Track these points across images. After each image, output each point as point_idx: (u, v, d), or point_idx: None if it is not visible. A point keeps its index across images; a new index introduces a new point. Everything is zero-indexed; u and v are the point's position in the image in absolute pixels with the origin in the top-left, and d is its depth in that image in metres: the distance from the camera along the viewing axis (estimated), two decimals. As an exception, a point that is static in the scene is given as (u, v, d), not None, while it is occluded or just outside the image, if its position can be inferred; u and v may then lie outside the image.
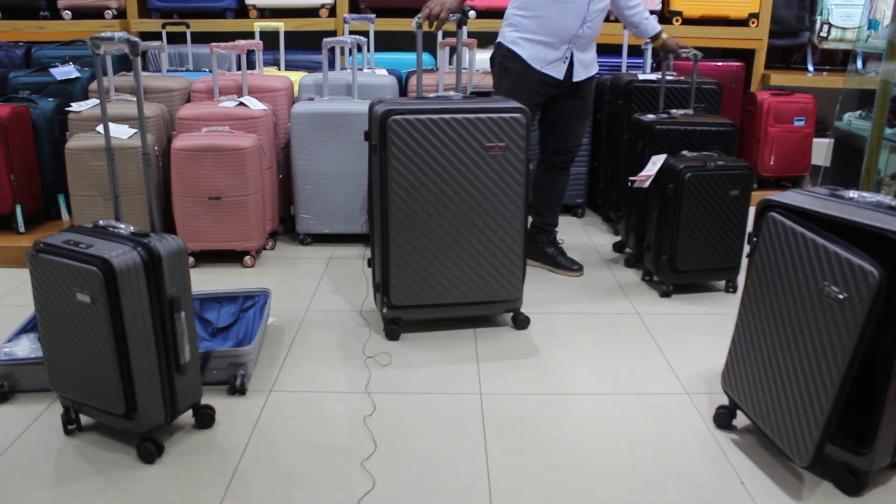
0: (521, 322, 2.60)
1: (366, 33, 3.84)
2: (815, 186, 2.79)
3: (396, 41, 4.23)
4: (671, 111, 3.11)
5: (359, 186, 3.30)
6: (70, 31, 4.09)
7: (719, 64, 4.14)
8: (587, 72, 2.93)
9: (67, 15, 4.18)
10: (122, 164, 2.83)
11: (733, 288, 2.92)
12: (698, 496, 1.75)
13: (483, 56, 3.20)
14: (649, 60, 3.90)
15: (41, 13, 4.18)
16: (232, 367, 2.15)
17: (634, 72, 3.73)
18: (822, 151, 4.07)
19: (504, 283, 2.50)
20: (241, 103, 3.18)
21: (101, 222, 1.86)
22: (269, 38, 4.03)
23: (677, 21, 4.18)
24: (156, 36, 3.99)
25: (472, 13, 4.13)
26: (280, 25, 4.01)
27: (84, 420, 1.96)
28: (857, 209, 1.68)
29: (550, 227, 3.15)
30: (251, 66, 3.68)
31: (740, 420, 2.00)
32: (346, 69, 3.67)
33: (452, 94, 2.48)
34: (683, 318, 2.72)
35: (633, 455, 1.90)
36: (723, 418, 2.02)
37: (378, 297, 2.55)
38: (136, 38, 1.95)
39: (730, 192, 2.76)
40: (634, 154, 3.20)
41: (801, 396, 1.69)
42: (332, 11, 4.22)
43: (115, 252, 1.70)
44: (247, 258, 3.15)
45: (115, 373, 1.74)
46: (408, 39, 2.95)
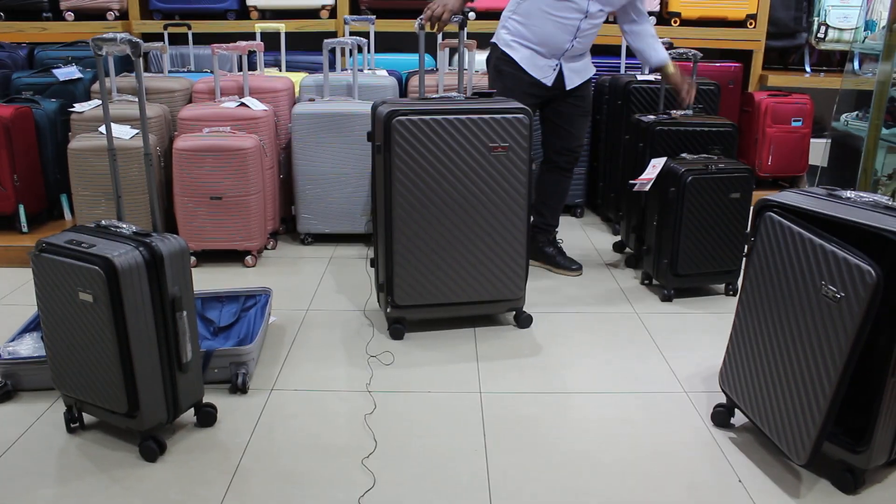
0: (523, 321, 2.61)
1: (366, 34, 3.85)
2: (813, 186, 2.79)
3: (397, 42, 4.24)
4: (671, 112, 3.12)
5: (359, 186, 3.31)
6: (72, 32, 4.10)
7: (717, 65, 4.15)
8: (580, 77, 2.94)
9: (70, 16, 4.19)
10: (124, 165, 2.84)
11: (733, 291, 2.91)
12: (697, 495, 1.76)
13: (482, 57, 3.21)
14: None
15: (44, 14, 4.19)
16: (233, 366, 2.16)
17: (633, 72, 3.74)
18: (819, 152, 4.08)
19: (507, 283, 2.51)
20: (243, 104, 3.19)
21: (103, 222, 1.87)
22: (271, 39, 4.04)
23: (675, 22, 4.19)
24: (158, 37, 4.00)
25: (472, 14, 4.15)
26: (281, 26, 4.02)
27: (87, 418, 1.97)
28: (854, 209, 1.69)
29: (551, 228, 3.16)
30: (252, 66, 3.69)
31: (738, 419, 2.01)
32: (346, 70, 3.68)
33: (455, 94, 2.49)
34: (682, 318, 2.73)
35: (632, 454, 1.91)
36: (721, 417, 2.03)
37: (382, 297, 2.56)
38: (138, 40, 1.97)
39: (731, 195, 2.74)
40: (634, 155, 3.22)
41: (798, 395, 1.70)
42: (333, 13, 4.23)
43: (117, 252, 1.71)
44: (248, 258, 3.16)
45: (117, 371, 1.75)
46: (408, 40, 2.96)
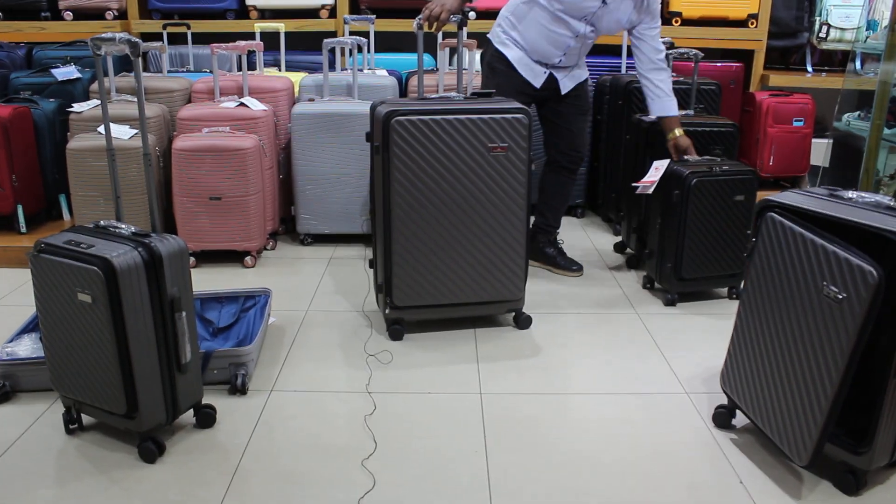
0: (522, 322, 2.60)
1: (366, 34, 3.85)
2: (814, 187, 2.79)
3: (397, 42, 4.23)
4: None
5: (359, 187, 3.31)
6: (71, 31, 4.09)
7: (718, 65, 4.15)
8: (574, 81, 2.95)
9: (68, 16, 4.18)
10: (123, 165, 2.83)
11: (737, 294, 2.88)
12: (698, 495, 1.76)
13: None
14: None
15: (42, 14, 4.18)
16: (233, 367, 2.15)
17: (634, 72, 3.73)
18: (820, 152, 4.07)
19: (506, 283, 2.50)
20: (242, 104, 3.19)
21: (102, 222, 1.87)
22: (270, 39, 4.04)
23: (676, 22, 4.18)
24: (157, 37, 3.99)
25: (472, 14, 4.14)
26: (280, 26, 4.02)
27: (85, 419, 1.96)
28: (855, 209, 1.69)
29: (552, 229, 3.15)
30: (252, 66, 3.68)
31: (739, 420, 2.01)
32: (346, 70, 3.68)
33: (454, 94, 2.48)
34: (683, 318, 2.73)
35: (632, 455, 1.90)
36: (722, 418, 2.02)
37: (380, 298, 2.56)
38: (137, 39, 1.96)
39: (735, 198, 2.71)
40: (635, 155, 3.21)
41: (800, 396, 1.69)
42: (333, 12, 4.22)
43: (116, 252, 1.71)
44: (247, 258, 3.16)
45: (116, 372, 1.74)
46: (408, 40, 2.96)
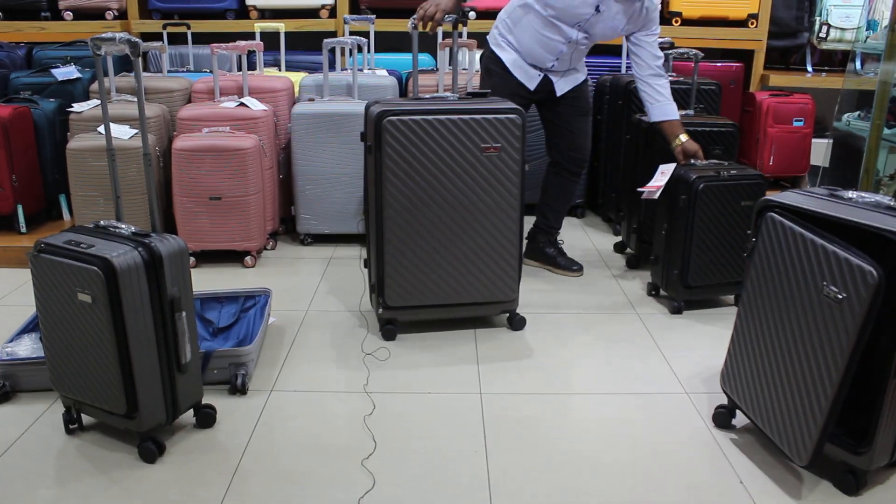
0: (517, 323, 2.60)
1: (366, 34, 3.85)
2: (814, 187, 2.78)
3: (397, 42, 4.23)
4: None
5: (359, 187, 3.31)
6: (71, 31, 4.09)
7: (718, 65, 4.15)
8: (570, 83, 2.93)
9: (69, 16, 4.18)
10: (123, 165, 2.83)
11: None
12: (698, 495, 1.76)
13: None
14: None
15: (42, 14, 4.19)
16: (233, 367, 2.15)
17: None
18: (820, 152, 4.07)
19: (500, 284, 2.50)
20: (242, 104, 3.19)
21: (102, 222, 1.87)
22: (270, 39, 4.04)
23: (676, 22, 4.18)
24: (157, 37, 3.99)
25: (472, 14, 4.14)
26: (280, 26, 4.02)
27: (85, 420, 1.96)
28: (855, 209, 1.69)
29: (552, 230, 3.15)
30: (252, 66, 3.68)
31: (739, 420, 2.01)
32: (346, 70, 3.68)
33: (448, 94, 2.47)
34: (683, 319, 2.72)
35: (632, 455, 1.90)
36: (722, 418, 2.02)
37: (373, 298, 2.56)
38: (137, 39, 1.96)
39: (742, 203, 2.64)
40: (635, 155, 3.21)
41: (800, 396, 1.69)
42: (333, 12, 4.22)
43: (116, 252, 1.71)
44: (247, 258, 3.16)
45: (116, 372, 1.74)
46: (408, 40, 2.95)
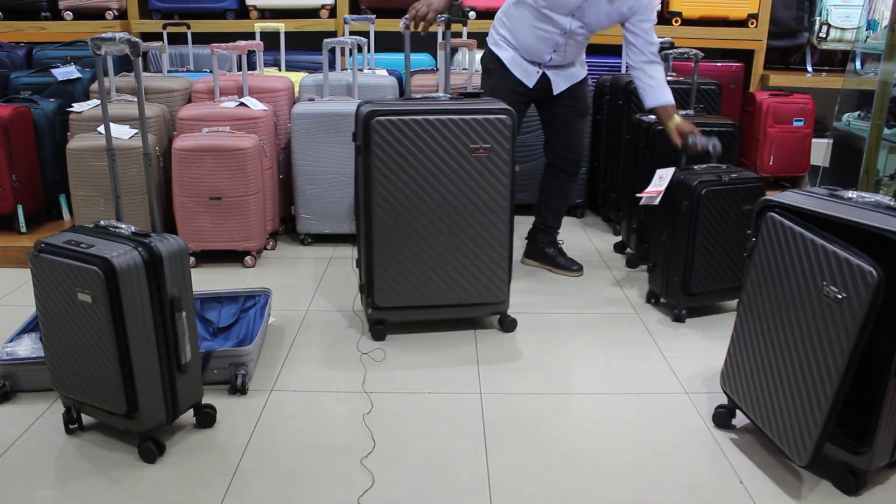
0: (508, 325, 2.58)
1: (366, 34, 3.85)
2: (814, 187, 2.78)
3: (397, 42, 4.22)
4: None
5: (359, 187, 3.31)
6: (71, 31, 4.09)
7: (718, 64, 4.15)
8: (567, 81, 2.91)
9: (69, 16, 4.18)
10: (123, 165, 2.83)
11: None
12: (698, 495, 1.76)
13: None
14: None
15: (42, 14, 4.18)
16: (233, 367, 2.15)
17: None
18: (820, 152, 4.07)
19: (489, 286, 2.48)
20: (242, 104, 3.19)
21: (102, 222, 1.87)
22: (270, 39, 4.03)
23: (676, 21, 4.18)
24: (157, 36, 3.99)
25: (472, 14, 4.14)
26: (280, 26, 4.02)
27: (85, 419, 1.96)
28: (855, 209, 1.69)
29: (552, 230, 3.15)
30: (252, 66, 3.68)
31: (739, 419, 2.01)
32: (346, 70, 3.68)
33: (440, 94, 2.46)
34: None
35: (632, 455, 1.90)
36: (722, 418, 2.02)
37: (363, 299, 2.55)
38: (137, 39, 1.96)
39: (743, 208, 2.59)
40: (635, 155, 3.21)
41: (799, 396, 1.69)
42: (333, 12, 4.22)
43: (116, 252, 1.71)
44: (247, 258, 3.16)
45: (116, 372, 1.74)
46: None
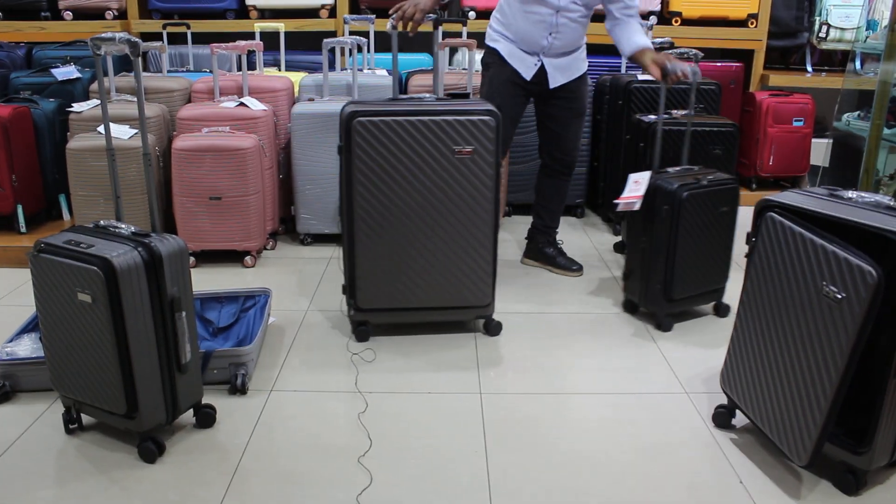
0: (493, 328, 2.54)
1: (366, 34, 3.85)
2: (814, 186, 2.77)
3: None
4: (672, 112, 3.11)
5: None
6: (71, 31, 4.09)
7: (718, 64, 4.15)
8: (565, 76, 2.86)
9: (68, 16, 4.19)
10: (122, 165, 2.83)
11: (724, 311, 2.73)
12: (697, 495, 1.76)
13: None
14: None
15: (42, 14, 4.19)
16: (233, 367, 2.15)
17: (634, 72, 3.74)
18: (820, 152, 4.08)
19: (473, 289, 2.45)
20: (242, 104, 3.19)
21: (102, 222, 1.87)
22: (270, 39, 4.04)
23: (676, 21, 4.18)
24: (156, 36, 3.99)
25: (471, 13, 4.14)
26: (280, 26, 4.02)
27: (85, 419, 1.96)
28: (855, 209, 1.69)
29: (550, 230, 3.15)
30: (251, 66, 3.68)
31: (739, 419, 2.01)
32: (346, 70, 3.68)
33: (426, 95, 2.43)
34: (682, 318, 2.72)
35: (632, 455, 1.90)
36: (722, 418, 2.02)
37: (346, 299, 2.53)
38: (137, 39, 1.96)
39: (720, 209, 2.56)
40: (635, 155, 3.21)
41: (799, 396, 1.69)
42: (333, 12, 4.23)
43: (115, 252, 1.71)
44: (247, 258, 3.16)
45: (116, 372, 1.74)
46: (408, 40, 2.95)
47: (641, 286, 2.65)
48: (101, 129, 2.94)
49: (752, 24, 4.22)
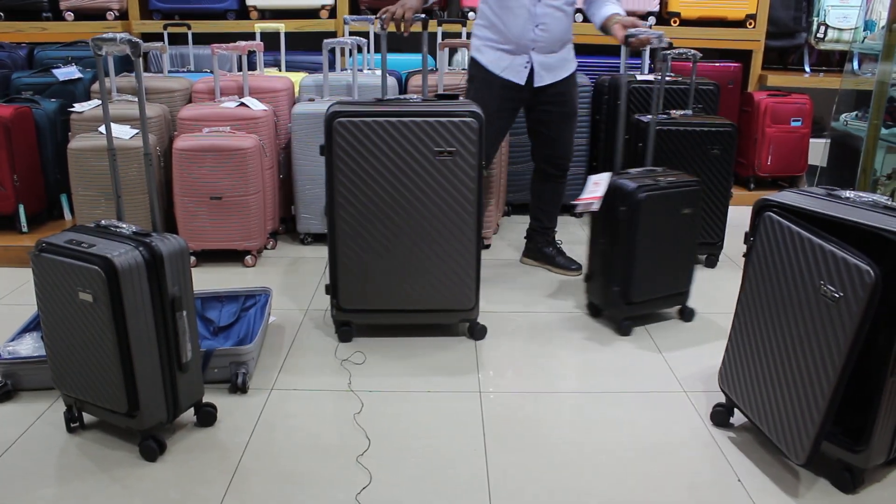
0: (478, 332, 2.51)
1: (366, 34, 3.86)
2: (812, 186, 2.78)
3: (397, 42, 4.23)
4: (670, 112, 3.11)
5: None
6: (72, 32, 4.10)
7: (717, 65, 4.16)
8: (554, 76, 2.81)
9: (69, 16, 4.19)
10: (124, 165, 2.84)
11: (688, 315, 2.68)
12: (697, 494, 1.76)
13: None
14: (647, 61, 3.91)
15: (43, 14, 4.20)
16: (233, 366, 2.16)
17: (633, 72, 3.75)
18: (818, 152, 4.09)
19: (456, 292, 2.42)
20: (242, 104, 3.20)
21: (103, 222, 1.88)
22: (270, 39, 4.04)
23: (675, 22, 4.19)
24: (157, 37, 4.00)
25: (471, 14, 4.15)
26: (281, 26, 4.03)
27: (87, 418, 1.97)
28: (853, 209, 1.70)
29: (548, 230, 3.16)
30: (252, 66, 3.69)
31: (737, 418, 2.01)
32: (346, 70, 3.69)
33: (413, 96, 2.42)
34: (682, 318, 2.73)
35: (632, 454, 1.91)
36: (720, 416, 2.03)
37: (329, 300, 2.52)
38: (138, 39, 1.97)
39: (683, 211, 2.50)
40: (634, 154, 3.22)
41: (797, 395, 1.70)
42: (333, 12, 4.23)
43: (117, 251, 1.72)
44: (248, 258, 3.16)
45: (117, 371, 1.75)
46: (408, 40, 2.95)
47: (601, 288, 2.61)
48: (103, 129, 2.94)
49: (751, 24, 4.22)
